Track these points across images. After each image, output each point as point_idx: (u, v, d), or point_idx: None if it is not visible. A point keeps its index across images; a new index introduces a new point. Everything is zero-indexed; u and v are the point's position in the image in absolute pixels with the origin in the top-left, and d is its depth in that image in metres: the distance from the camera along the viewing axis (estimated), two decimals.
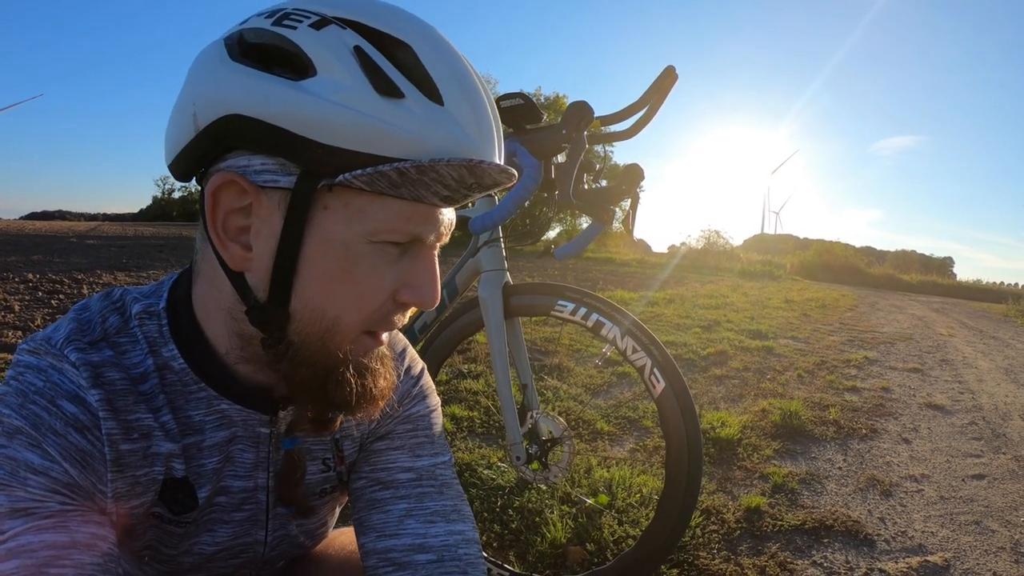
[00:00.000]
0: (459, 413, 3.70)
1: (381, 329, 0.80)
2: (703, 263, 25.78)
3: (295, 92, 0.67)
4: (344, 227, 0.71)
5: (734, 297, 12.45)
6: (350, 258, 0.73)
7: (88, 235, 18.35)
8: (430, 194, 0.72)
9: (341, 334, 0.76)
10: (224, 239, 0.74)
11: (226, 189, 0.72)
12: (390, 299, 0.77)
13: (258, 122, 0.68)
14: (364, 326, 0.77)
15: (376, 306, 0.76)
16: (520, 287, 1.99)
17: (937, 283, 29.17)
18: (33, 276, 8.15)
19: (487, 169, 0.71)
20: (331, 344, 0.76)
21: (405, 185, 0.70)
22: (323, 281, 0.73)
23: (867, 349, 7.28)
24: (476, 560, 0.94)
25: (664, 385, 1.80)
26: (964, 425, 4.35)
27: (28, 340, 0.78)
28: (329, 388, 0.77)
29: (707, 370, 5.48)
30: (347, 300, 0.74)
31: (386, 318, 0.79)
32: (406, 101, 0.68)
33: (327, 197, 0.70)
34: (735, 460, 3.35)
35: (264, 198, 0.72)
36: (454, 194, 0.73)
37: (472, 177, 0.71)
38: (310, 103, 0.67)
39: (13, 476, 0.68)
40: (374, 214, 0.71)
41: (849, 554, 2.44)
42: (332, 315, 0.75)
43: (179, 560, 0.90)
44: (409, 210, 0.72)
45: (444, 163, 0.68)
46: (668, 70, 1.73)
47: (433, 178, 0.69)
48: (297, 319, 0.75)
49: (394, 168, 0.67)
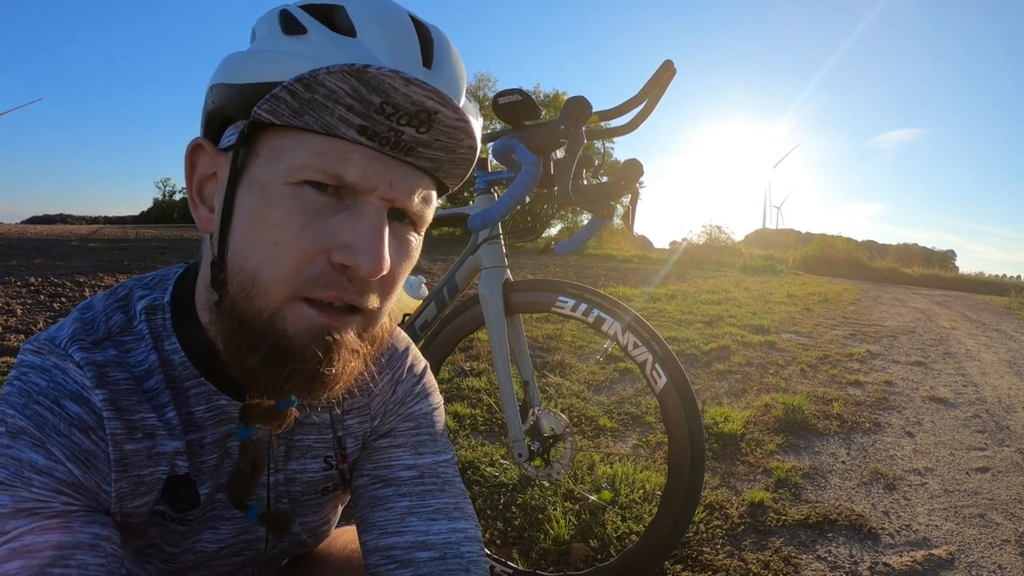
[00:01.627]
0: (461, 411, 3.70)
1: (316, 294, 0.71)
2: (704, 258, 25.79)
3: (240, 55, 0.75)
4: (264, 169, 0.71)
5: (736, 292, 12.45)
6: (265, 200, 0.70)
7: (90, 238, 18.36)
8: (338, 122, 0.67)
9: (262, 291, 0.70)
10: (196, 202, 0.79)
11: (198, 154, 0.78)
12: (321, 257, 0.70)
13: (220, 85, 0.75)
14: (289, 287, 0.70)
15: (296, 260, 0.69)
16: (520, 284, 1.99)
17: (939, 276, 29.17)
18: (35, 280, 8.16)
19: (381, 76, 0.63)
20: (255, 303, 0.70)
21: (306, 111, 0.66)
22: (243, 227, 0.71)
23: (870, 343, 7.27)
24: (478, 558, 0.94)
25: (666, 380, 1.79)
26: (967, 418, 4.34)
27: (32, 340, 0.78)
28: (243, 352, 0.72)
29: (710, 365, 5.48)
30: (263, 248, 0.70)
31: (318, 281, 0.70)
32: (309, 35, 0.70)
33: (259, 145, 0.71)
34: (738, 455, 3.35)
35: (223, 159, 0.76)
36: (369, 123, 0.67)
37: (374, 93, 0.64)
38: (242, 56, 0.74)
39: (17, 476, 0.68)
40: (290, 153, 0.69)
41: (853, 548, 2.43)
42: (251, 267, 0.70)
43: (181, 558, 0.90)
44: (323, 144, 0.68)
45: (324, 71, 0.63)
46: (666, 64, 1.73)
47: (325, 95, 0.65)
48: (229, 271, 0.72)
49: (283, 87, 0.65)
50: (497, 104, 1.71)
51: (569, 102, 1.67)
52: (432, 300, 2.12)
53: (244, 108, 0.70)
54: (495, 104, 1.71)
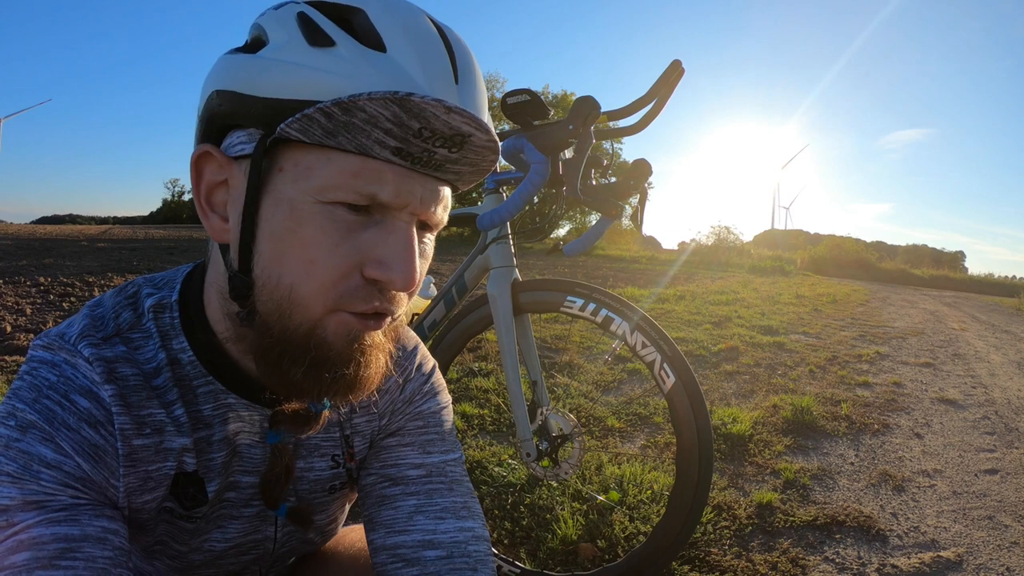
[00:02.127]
0: (470, 411, 3.70)
1: (355, 308, 0.73)
2: (713, 259, 25.74)
3: (250, 60, 0.71)
4: (292, 186, 0.69)
5: (745, 293, 12.42)
6: (296, 218, 0.69)
7: (99, 238, 18.43)
8: (373, 143, 0.67)
9: (301, 307, 0.71)
10: (207, 210, 0.77)
11: (205, 162, 0.76)
12: (355, 273, 0.71)
13: (227, 92, 0.71)
14: (327, 301, 0.71)
15: (332, 277, 0.70)
16: (529, 283, 1.99)
17: (949, 277, 29.06)
18: (44, 279, 8.19)
19: (424, 105, 0.64)
20: (294, 318, 0.71)
21: (340, 132, 0.66)
22: (273, 243, 0.71)
23: (879, 344, 7.25)
24: (486, 557, 0.94)
25: (674, 380, 1.79)
26: (976, 420, 4.32)
27: (42, 336, 0.78)
28: (285, 365, 0.73)
29: (718, 366, 5.47)
30: (298, 266, 0.70)
31: (355, 295, 0.72)
32: (337, 48, 0.68)
33: (282, 159, 0.70)
34: (746, 456, 3.34)
35: (235, 168, 0.74)
36: (405, 145, 0.68)
37: (414, 119, 0.65)
38: (255, 65, 0.70)
39: (26, 470, 0.68)
40: (320, 171, 0.68)
41: (861, 550, 2.43)
42: (287, 283, 0.70)
43: (189, 557, 0.90)
44: (357, 165, 0.68)
45: (365, 97, 0.63)
46: (675, 64, 1.73)
47: (364, 119, 0.65)
48: (259, 286, 0.72)
49: (318, 109, 0.64)
50: (505, 104, 1.71)
51: (578, 102, 1.67)
52: (441, 300, 2.13)
53: (263, 121, 0.69)
54: (503, 104, 1.71)
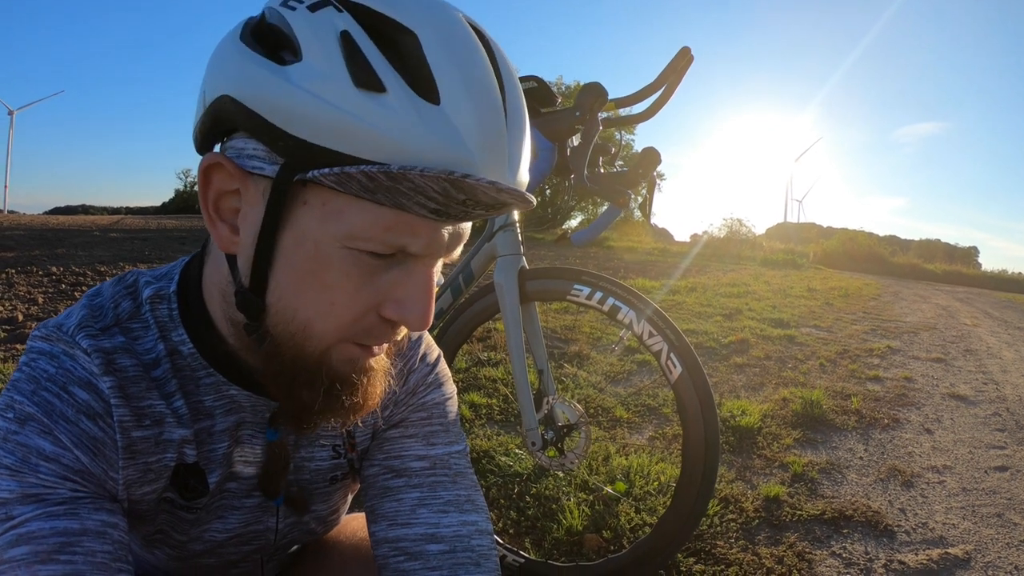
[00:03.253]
0: (477, 400, 3.71)
1: (365, 342, 0.73)
2: (725, 252, 25.60)
3: (275, 78, 0.63)
4: (318, 226, 0.66)
5: (756, 286, 12.36)
6: (320, 260, 0.67)
7: (111, 228, 18.46)
8: (414, 204, 0.63)
9: (315, 339, 0.70)
10: (215, 219, 0.72)
11: (216, 170, 0.70)
12: (372, 312, 0.71)
13: (242, 106, 0.65)
14: (342, 336, 0.71)
15: (351, 318, 0.70)
16: (536, 272, 1.98)
17: (962, 273, 28.84)
18: (57, 269, 8.22)
19: (476, 186, 0.60)
20: (307, 347, 0.71)
21: (380, 191, 0.62)
22: (293, 279, 0.68)
23: (890, 338, 7.20)
24: (489, 551, 0.94)
25: (681, 370, 1.78)
26: (987, 416, 4.29)
27: (40, 327, 0.78)
28: (296, 388, 0.73)
29: (728, 358, 5.45)
30: (317, 305, 0.69)
31: (370, 332, 0.72)
32: (387, 96, 0.61)
33: (307, 192, 0.65)
34: (755, 449, 3.33)
35: (251, 184, 0.68)
36: (445, 208, 0.64)
37: (462, 193, 0.62)
38: (285, 91, 0.62)
39: (24, 463, 0.68)
40: (351, 217, 0.64)
41: (869, 545, 2.41)
42: (303, 318, 0.69)
43: (190, 546, 0.90)
44: (391, 218, 0.65)
45: (417, 172, 0.59)
46: (683, 51, 1.71)
47: (410, 188, 0.61)
48: (272, 313, 0.71)
49: (361, 171, 0.59)
50: None
51: (584, 88, 1.66)
52: (448, 288, 2.12)
53: (290, 155, 0.64)
54: None
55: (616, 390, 4.26)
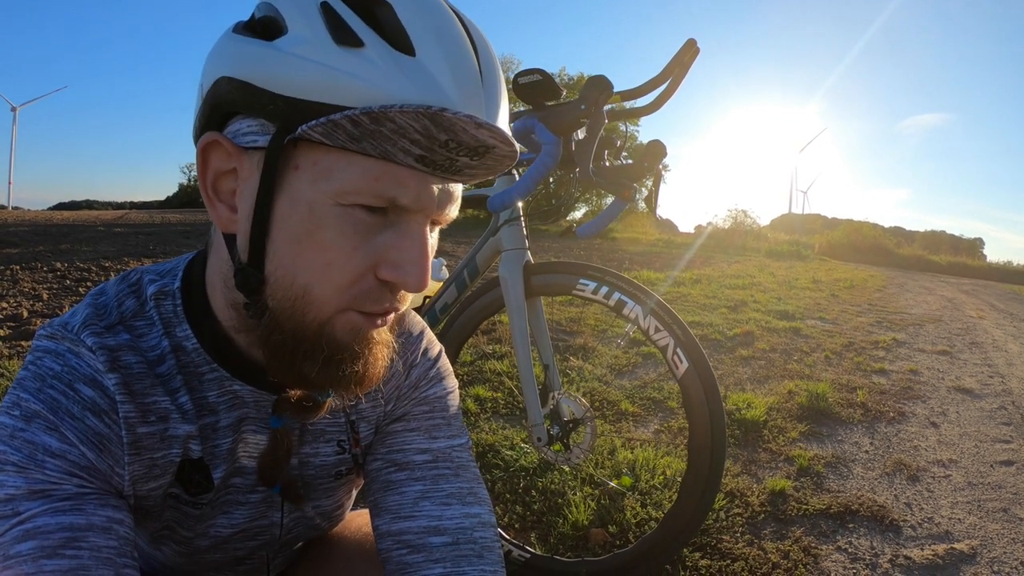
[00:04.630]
0: (483, 394, 3.71)
1: (366, 308, 0.73)
2: (730, 243, 25.63)
3: (266, 50, 0.68)
4: (310, 186, 0.68)
5: (761, 277, 12.35)
6: (314, 220, 0.69)
7: (115, 223, 18.54)
8: (398, 151, 0.66)
9: (315, 306, 0.71)
10: (213, 199, 0.75)
11: (213, 150, 0.74)
12: (369, 274, 0.72)
13: (237, 81, 0.69)
14: (342, 301, 0.72)
15: (348, 279, 0.71)
16: (541, 266, 1.97)
17: (967, 264, 28.81)
18: (61, 265, 8.26)
19: (455, 121, 0.64)
20: (307, 315, 0.71)
21: (366, 138, 0.65)
22: (290, 243, 0.70)
23: (895, 331, 7.19)
24: (492, 543, 0.94)
25: (687, 365, 1.78)
26: (993, 409, 4.28)
27: (46, 325, 0.78)
28: (298, 361, 0.73)
29: (733, 351, 5.44)
30: (315, 267, 0.70)
31: (368, 296, 0.73)
32: (365, 50, 0.65)
33: (298, 156, 0.68)
34: (760, 442, 3.32)
35: (246, 159, 0.72)
36: (430, 153, 0.67)
37: (443, 131, 0.65)
38: (275, 58, 0.67)
39: (31, 459, 0.68)
40: (340, 173, 0.67)
41: (874, 540, 2.41)
42: (302, 282, 0.70)
43: (196, 542, 0.91)
44: (379, 169, 0.67)
45: (397, 110, 0.62)
46: (689, 43, 1.70)
47: (392, 130, 0.64)
48: (271, 283, 0.72)
49: (345, 116, 0.63)
50: (517, 84, 1.69)
51: (589, 81, 1.65)
52: (453, 282, 2.12)
53: (281, 118, 0.67)
54: (515, 84, 1.69)
55: (621, 383, 4.25)
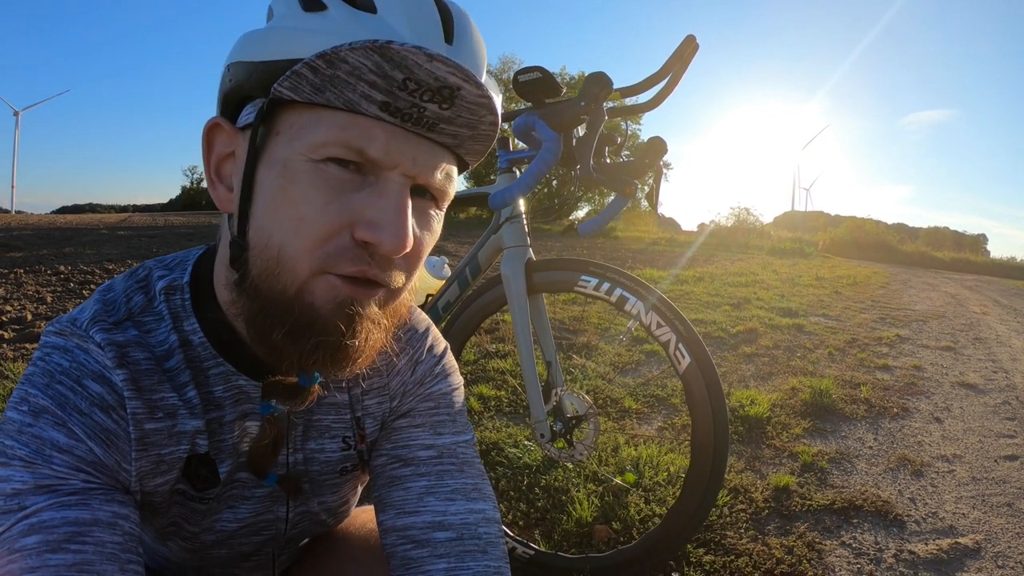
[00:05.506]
0: (486, 392, 3.71)
1: (342, 269, 0.71)
2: (733, 241, 25.58)
3: (257, 31, 0.75)
4: (285, 147, 0.71)
5: (764, 275, 12.34)
6: (287, 176, 0.70)
7: (119, 226, 18.54)
8: (360, 98, 0.67)
9: (288, 266, 0.70)
10: (215, 181, 0.79)
11: (216, 134, 0.78)
12: (344, 232, 0.71)
13: (234, 64, 0.75)
14: (314, 261, 0.70)
15: (321, 234, 0.70)
16: (543, 263, 1.97)
17: (970, 261, 28.73)
18: (65, 268, 8.27)
19: (404, 52, 0.63)
20: (282, 278, 0.71)
21: (327, 87, 0.66)
22: (266, 204, 0.72)
23: (899, 327, 7.18)
24: (496, 539, 0.94)
25: (689, 361, 1.78)
26: (997, 405, 4.28)
27: (54, 322, 0.79)
28: (271, 328, 0.72)
29: (737, 348, 5.44)
30: (287, 224, 0.70)
31: (343, 255, 0.71)
32: (329, 12, 0.70)
33: (279, 122, 0.71)
34: (764, 438, 3.32)
35: (241, 138, 0.75)
36: (391, 99, 0.67)
37: (397, 69, 0.65)
38: (260, 34, 0.74)
39: (38, 454, 0.69)
40: (310, 129, 0.69)
41: (879, 535, 2.41)
42: (276, 241, 0.70)
43: (202, 537, 0.91)
44: (345, 120, 0.69)
45: (346, 47, 0.63)
46: (688, 39, 1.71)
47: (347, 71, 0.65)
48: (251, 248, 0.73)
49: (305, 64, 0.65)
50: (517, 82, 1.69)
51: (589, 78, 1.65)
52: (455, 280, 2.12)
53: (263, 85, 0.70)
54: (515, 82, 1.69)
55: (624, 380, 4.26)
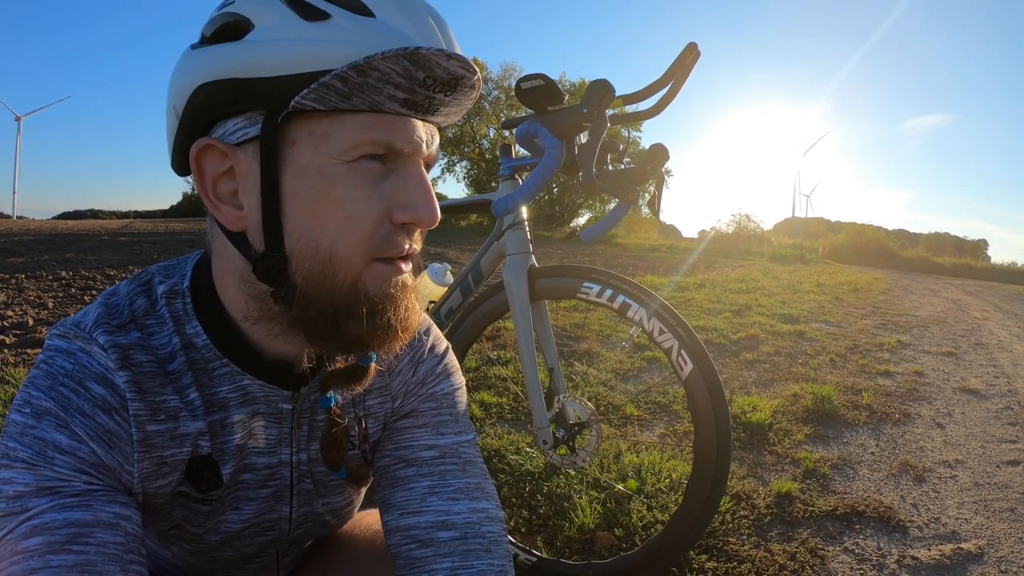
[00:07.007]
0: (488, 399, 3.71)
1: (388, 253, 0.77)
2: (733, 247, 25.54)
3: (240, 46, 0.72)
4: (313, 154, 0.72)
5: (765, 281, 12.32)
6: (327, 181, 0.72)
7: (120, 232, 18.53)
8: (385, 99, 0.72)
9: (343, 264, 0.74)
10: (217, 203, 0.78)
11: (206, 155, 0.76)
12: (385, 220, 0.76)
13: (219, 82, 0.72)
14: (366, 253, 0.75)
15: (369, 228, 0.75)
16: (545, 270, 1.98)
17: (971, 266, 28.66)
18: (66, 273, 8.27)
19: (430, 56, 0.69)
20: (337, 277, 0.74)
21: (355, 94, 0.70)
22: (307, 211, 0.73)
23: (900, 333, 7.17)
24: (499, 538, 0.94)
25: (692, 367, 1.78)
26: (999, 410, 4.27)
27: (58, 325, 0.79)
28: (341, 324, 0.76)
29: (738, 355, 5.44)
30: (336, 225, 0.73)
31: (389, 240, 0.76)
32: (332, 20, 0.70)
33: (292, 132, 0.72)
34: (766, 445, 3.32)
35: (241, 154, 0.75)
36: (412, 96, 0.73)
37: (420, 69, 0.70)
38: (252, 49, 0.71)
39: (41, 456, 0.69)
40: (337, 133, 0.72)
41: (881, 541, 2.40)
42: (327, 244, 0.74)
43: (205, 539, 0.91)
44: (371, 120, 0.72)
45: (379, 57, 0.67)
46: (690, 46, 1.71)
47: (378, 78, 0.69)
48: (295, 258, 0.74)
49: (335, 76, 0.67)
50: (520, 89, 1.70)
51: (592, 85, 1.66)
52: (457, 287, 2.12)
53: (270, 100, 0.71)
54: (518, 89, 1.70)
55: (626, 387, 4.26)
